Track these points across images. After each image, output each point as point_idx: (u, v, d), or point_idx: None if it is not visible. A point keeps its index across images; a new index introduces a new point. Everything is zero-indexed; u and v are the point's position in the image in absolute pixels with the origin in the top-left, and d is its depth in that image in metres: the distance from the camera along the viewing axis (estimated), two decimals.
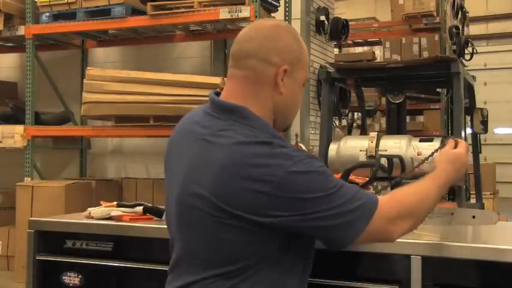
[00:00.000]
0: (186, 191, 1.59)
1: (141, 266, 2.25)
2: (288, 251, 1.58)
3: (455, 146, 1.85)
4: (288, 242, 1.57)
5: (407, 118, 5.40)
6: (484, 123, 4.10)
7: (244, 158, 1.50)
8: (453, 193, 3.17)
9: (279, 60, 1.62)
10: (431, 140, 3.07)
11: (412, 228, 1.65)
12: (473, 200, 4.22)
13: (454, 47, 7.25)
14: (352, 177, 2.44)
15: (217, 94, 1.70)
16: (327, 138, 3.73)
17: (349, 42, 8.62)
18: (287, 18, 5.57)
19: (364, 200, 1.55)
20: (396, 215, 1.59)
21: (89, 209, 2.51)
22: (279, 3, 5.39)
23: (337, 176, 2.34)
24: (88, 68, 5.54)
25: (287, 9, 5.61)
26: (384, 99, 5.78)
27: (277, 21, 1.83)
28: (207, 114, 1.65)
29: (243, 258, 1.53)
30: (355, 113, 7.49)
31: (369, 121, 7.19)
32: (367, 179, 2.43)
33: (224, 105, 1.64)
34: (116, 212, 2.43)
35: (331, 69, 3.75)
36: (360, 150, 3.11)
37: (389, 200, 1.62)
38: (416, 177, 2.96)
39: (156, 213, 2.44)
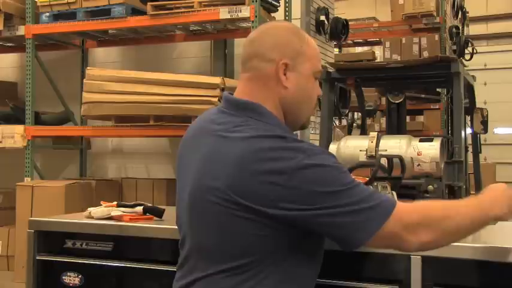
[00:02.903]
0: (200, 185, 1.59)
1: (140, 266, 2.24)
2: (298, 249, 1.57)
3: None
4: (298, 240, 1.56)
5: (407, 118, 5.40)
6: (484, 123, 4.09)
7: (258, 151, 1.51)
8: (453, 193, 3.17)
9: (277, 55, 1.65)
10: (431, 140, 3.07)
11: (434, 241, 1.56)
12: None
13: (454, 47, 7.24)
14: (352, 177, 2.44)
15: (231, 94, 1.73)
16: (327, 138, 3.73)
17: (349, 42, 8.61)
18: (287, 18, 5.56)
19: (381, 200, 1.51)
20: (415, 223, 1.52)
21: (89, 209, 2.51)
22: (279, 3, 5.38)
23: None
24: (88, 68, 5.53)
25: (287, 9, 5.61)
26: (384, 99, 5.77)
27: (278, 21, 1.86)
28: (221, 112, 1.68)
29: (252, 252, 1.53)
30: (355, 113, 7.48)
31: (369, 121, 7.18)
32: (367, 179, 2.42)
33: (239, 102, 1.66)
34: (116, 212, 2.43)
35: (331, 69, 3.74)
36: (360, 150, 3.11)
37: (409, 207, 1.56)
38: (416, 177, 2.98)
39: (156, 213, 2.44)
